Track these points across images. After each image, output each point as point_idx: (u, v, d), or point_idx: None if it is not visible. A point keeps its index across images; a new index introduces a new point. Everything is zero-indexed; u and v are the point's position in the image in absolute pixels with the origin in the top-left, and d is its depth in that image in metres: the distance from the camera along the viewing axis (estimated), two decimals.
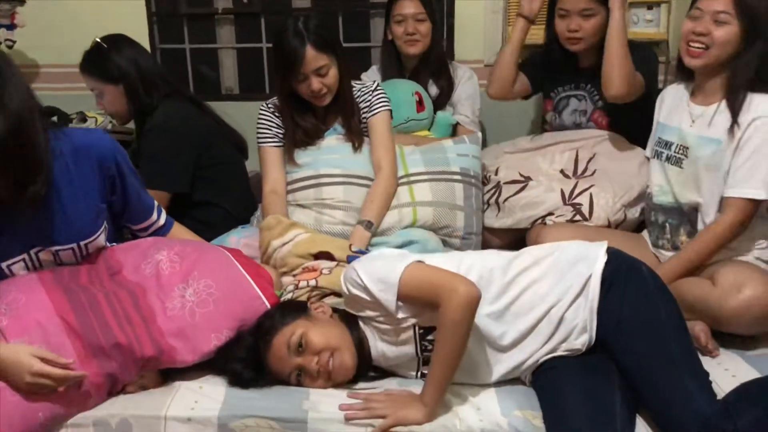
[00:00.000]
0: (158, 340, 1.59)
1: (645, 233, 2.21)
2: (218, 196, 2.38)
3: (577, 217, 2.23)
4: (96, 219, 1.73)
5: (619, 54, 2.24)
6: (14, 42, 3.04)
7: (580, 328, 1.59)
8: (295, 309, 1.68)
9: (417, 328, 1.59)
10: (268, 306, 1.72)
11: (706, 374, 1.53)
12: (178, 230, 1.98)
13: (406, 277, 1.52)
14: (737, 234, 1.90)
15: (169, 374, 1.65)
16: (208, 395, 1.59)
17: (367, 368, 1.66)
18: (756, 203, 1.86)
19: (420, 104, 2.65)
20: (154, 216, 1.92)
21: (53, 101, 2.89)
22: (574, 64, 2.50)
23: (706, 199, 1.96)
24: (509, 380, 1.64)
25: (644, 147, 2.31)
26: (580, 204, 2.25)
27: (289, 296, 1.87)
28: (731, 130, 1.89)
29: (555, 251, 1.68)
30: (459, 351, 1.50)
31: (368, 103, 2.32)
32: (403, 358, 1.64)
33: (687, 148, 2.00)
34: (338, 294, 1.84)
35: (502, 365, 1.61)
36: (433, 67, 2.72)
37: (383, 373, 1.69)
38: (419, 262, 1.58)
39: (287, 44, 2.14)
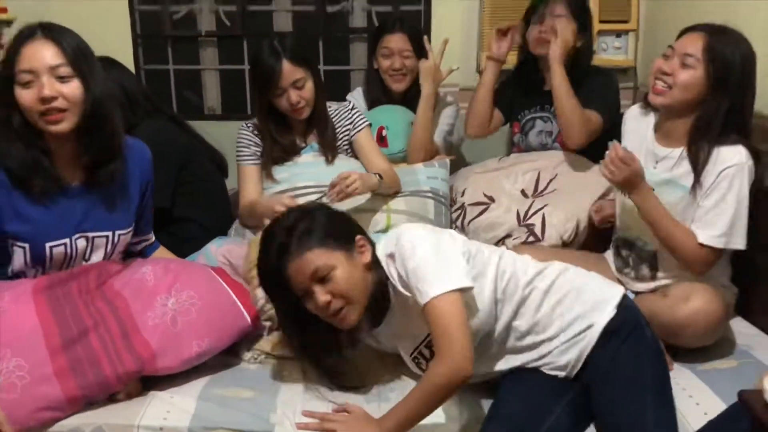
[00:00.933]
0: (139, 352, 1.63)
1: (608, 254, 2.21)
2: (197, 212, 2.42)
3: (531, 238, 2.25)
4: (132, 215, 1.87)
5: (569, 109, 2.32)
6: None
7: (561, 366, 1.62)
8: (344, 235, 1.60)
9: None
10: (247, 316, 1.80)
11: None
12: (162, 253, 2.06)
13: (437, 301, 1.47)
14: (691, 264, 1.87)
15: (146, 382, 1.69)
16: (179, 406, 1.63)
17: (378, 311, 1.63)
18: (718, 250, 1.85)
19: (380, 139, 2.60)
20: (150, 234, 2.03)
21: None
22: (539, 87, 2.56)
23: None
24: (471, 391, 1.67)
25: None
26: (533, 224, 2.28)
27: (261, 303, 1.89)
28: (697, 182, 1.85)
29: (574, 282, 1.66)
30: (431, 407, 1.49)
31: (351, 121, 2.40)
32: (415, 330, 1.63)
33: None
34: None
35: (483, 367, 1.64)
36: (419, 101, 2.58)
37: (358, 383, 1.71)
38: (461, 291, 1.50)
39: (264, 61, 2.22)
